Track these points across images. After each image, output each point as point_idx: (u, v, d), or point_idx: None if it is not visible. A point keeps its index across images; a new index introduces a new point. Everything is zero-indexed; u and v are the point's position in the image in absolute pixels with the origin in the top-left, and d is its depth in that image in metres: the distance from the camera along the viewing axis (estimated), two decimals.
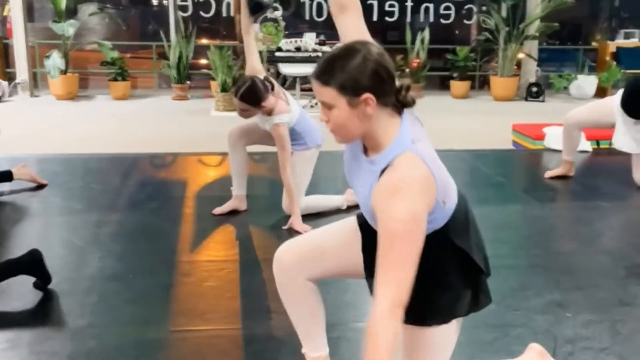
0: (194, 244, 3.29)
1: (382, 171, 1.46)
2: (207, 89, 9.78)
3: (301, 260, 1.81)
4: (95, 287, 2.73)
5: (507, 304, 2.57)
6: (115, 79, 9.19)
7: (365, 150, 1.56)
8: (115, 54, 9.10)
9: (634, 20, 11.36)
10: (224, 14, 10.00)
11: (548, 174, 4.48)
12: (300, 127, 3.56)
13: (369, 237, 1.63)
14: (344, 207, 3.78)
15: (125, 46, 10.08)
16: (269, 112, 3.45)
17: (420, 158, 1.44)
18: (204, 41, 10.18)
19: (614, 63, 9.86)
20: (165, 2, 10.14)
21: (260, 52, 8.26)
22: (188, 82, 9.39)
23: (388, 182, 1.42)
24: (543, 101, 9.43)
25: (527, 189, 4.40)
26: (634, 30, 10.51)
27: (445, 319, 1.61)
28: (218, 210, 3.74)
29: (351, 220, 1.79)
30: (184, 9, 9.62)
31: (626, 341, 2.28)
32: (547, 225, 3.67)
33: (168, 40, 9.39)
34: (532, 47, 9.79)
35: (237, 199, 3.78)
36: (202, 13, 9.92)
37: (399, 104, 1.51)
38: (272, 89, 3.45)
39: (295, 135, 3.53)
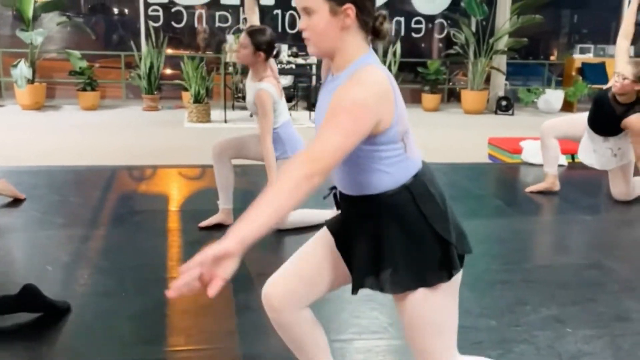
0: (183, 260, 3.21)
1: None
2: (177, 99, 9.68)
3: (293, 297, 1.76)
4: (89, 305, 2.64)
5: (507, 321, 2.58)
6: (84, 89, 9.01)
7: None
8: (84, 64, 8.94)
9: (591, 36, 11.68)
10: (196, 24, 9.92)
11: (530, 188, 4.53)
12: (284, 133, 3.51)
13: (340, 237, 1.67)
14: None
15: (94, 55, 9.89)
16: (259, 76, 3.43)
17: (384, 72, 1.48)
18: (173, 52, 10.08)
19: (580, 78, 10.11)
20: (132, 11, 10.01)
21: (235, 65, 8.27)
22: (157, 92, 9.26)
23: (347, 81, 1.46)
24: (512, 114, 9.60)
25: (509, 203, 4.45)
26: (589, 45, 10.81)
27: (441, 274, 1.57)
28: (204, 223, 3.69)
29: (322, 233, 1.76)
30: (154, 19, 9.51)
31: (629, 356, 2.31)
32: (534, 239, 3.72)
33: (139, 50, 9.26)
34: (501, 61, 9.97)
35: (224, 213, 3.73)
36: (173, 23, 9.81)
37: (374, 32, 1.55)
38: (276, 56, 3.50)
39: (278, 142, 3.49)
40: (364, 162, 1.52)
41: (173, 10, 9.69)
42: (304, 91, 9.60)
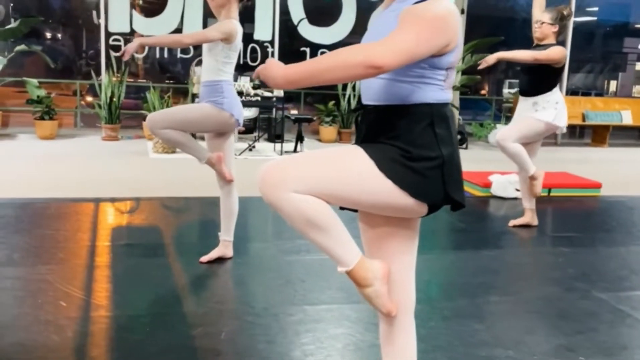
0: (198, 294, 3.23)
1: (417, 2, 1.60)
2: (136, 129, 9.60)
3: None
4: (118, 340, 2.63)
5: (523, 350, 2.72)
6: (41, 118, 8.82)
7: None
8: (42, 92, 8.76)
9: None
10: (157, 55, 9.91)
11: (512, 222, 4.75)
12: (228, 89, 3.45)
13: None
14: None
15: (53, 84, 9.72)
16: (227, 13, 3.41)
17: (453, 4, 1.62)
18: (135, 81, 10.01)
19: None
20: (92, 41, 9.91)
21: None
22: (118, 122, 9.16)
23: (428, 2, 1.58)
24: (467, 148, 9.97)
25: (491, 235, 4.66)
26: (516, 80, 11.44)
27: (422, 196, 1.64)
28: (205, 258, 3.69)
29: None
30: (116, 48, 9.44)
31: None
32: (524, 270, 3.91)
33: (99, 78, 9.16)
34: (455, 97, 10.38)
35: (224, 245, 3.75)
36: (135, 54, 9.76)
37: None
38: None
39: (219, 91, 3.41)
40: (405, 76, 1.63)
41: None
42: (265, 122, 9.69)
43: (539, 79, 4.41)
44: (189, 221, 4.80)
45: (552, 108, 4.43)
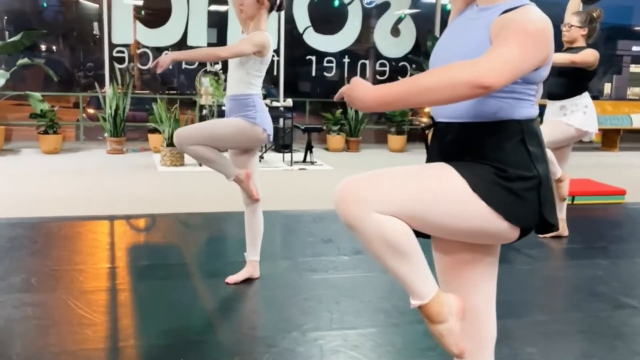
0: (229, 319, 3.06)
1: (506, 11, 1.48)
2: (141, 141, 9.43)
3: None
4: None
5: None
6: (45, 132, 8.64)
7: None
8: (45, 106, 8.59)
9: None
10: (149, 65, 9.75)
11: (543, 235, 4.59)
12: (259, 103, 3.33)
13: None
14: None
15: (57, 97, 9.55)
16: (256, 24, 3.28)
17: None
18: (140, 93, 9.86)
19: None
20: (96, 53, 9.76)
21: (210, 106, 8.14)
22: (124, 135, 8.99)
23: (521, 10, 1.46)
24: None
25: (521, 248, 4.49)
26: None
27: (515, 217, 1.49)
28: (232, 279, 3.52)
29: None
30: (119, 60, 9.28)
31: None
32: (565, 285, 3.74)
33: (103, 91, 9.00)
34: None
35: (251, 265, 3.58)
36: (139, 65, 9.62)
37: None
38: (279, 9, 3.36)
39: (251, 105, 3.27)
40: (497, 91, 1.45)
41: (139, 51, 9.50)
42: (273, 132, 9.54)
43: (570, 83, 4.26)
44: (208, 238, 4.63)
45: (581, 112, 4.28)
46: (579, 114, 4.29)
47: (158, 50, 9.59)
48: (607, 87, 24.50)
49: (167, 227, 4.79)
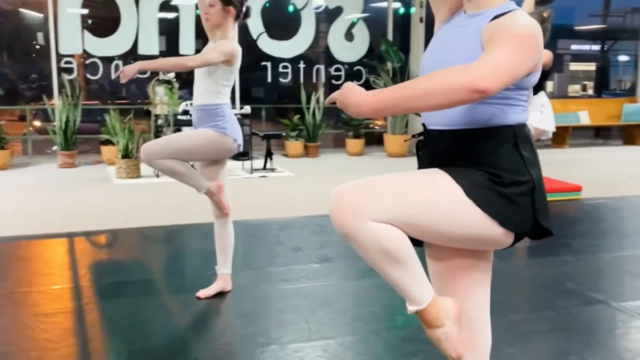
0: (204, 334, 2.97)
1: (496, 17, 1.47)
2: (93, 153, 9.18)
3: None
4: None
5: None
6: None
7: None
8: None
9: None
10: (112, 76, 9.52)
11: None
12: (228, 113, 3.26)
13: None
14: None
15: (0, 111, 9.21)
16: (223, 33, 3.22)
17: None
18: (90, 104, 9.60)
19: None
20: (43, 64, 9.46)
21: (166, 116, 7.98)
22: (75, 148, 8.73)
23: (510, 16, 1.46)
24: None
25: None
26: None
27: (510, 223, 1.48)
28: (203, 293, 3.43)
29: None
30: (68, 71, 9.02)
31: None
32: (535, 283, 3.79)
33: (51, 103, 8.73)
34: None
35: (223, 279, 3.49)
36: (88, 75, 9.37)
37: None
38: (246, 16, 3.32)
39: (221, 115, 3.21)
40: (490, 98, 1.44)
41: (88, 61, 9.26)
42: None
43: None
44: (173, 252, 4.52)
45: (538, 111, 4.36)
46: (535, 114, 4.36)
47: (108, 60, 9.37)
48: (550, 86, 25.33)
49: (130, 242, 4.65)
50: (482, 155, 1.49)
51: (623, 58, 19.37)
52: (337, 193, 1.43)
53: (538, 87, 4.36)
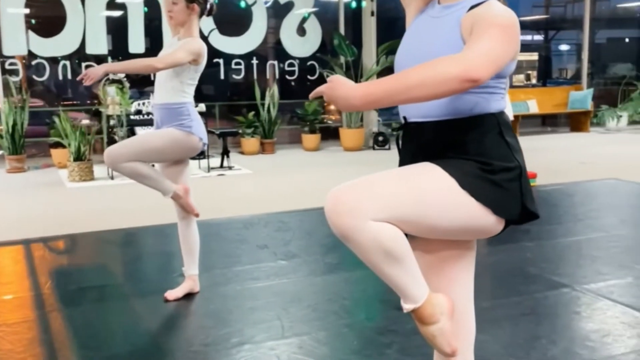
0: (176, 338, 2.93)
1: (472, 8, 1.49)
2: (42, 157, 8.92)
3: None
4: None
5: (536, 357, 2.64)
6: None
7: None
8: None
9: None
10: (60, 77, 9.26)
11: None
12: (194, 112, 3.22)
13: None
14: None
15: None
16: (187, 30, 3.15)
17: None
18: (38, 106, 9.30)
19: None
20: None
21: (118, 116, 7.81)
22: (24, 152, 8.47)
23: (487, 5, 1.47)
24: (389, 149, 10.01)
25: None
26: None
27: (500, 209, 1.50)
28: (172, 295, 3.37)
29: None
30: (14, 72, 8.72)
31: None
32: (500, 270, 3.85)
33: None
34: None
35: (191, 279, 3.44)
36: (35, 77, 9.09)
37: None
38: (209, 14, 3.25)
39: (186, 113, 3.16)
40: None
41: (33, 62, 8.97)
42: None
43: None
44: (136, 255, 4.43)
45: None
46: None
47: (54, 61, 9.11)
48: None
49: (89, 246, 4.54)
50: (469, 144, 1.51)
51: (565, 47, 19.92)
52: (332, 194, 1.41)
53: None
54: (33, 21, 9.18)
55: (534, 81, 18.65)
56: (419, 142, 1.58)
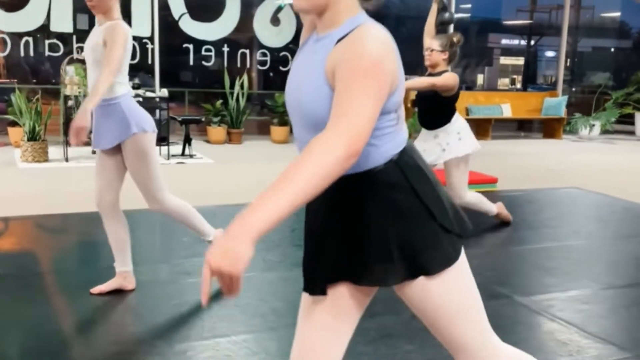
0: (89, 334, 2.76)
1: (339, 40, 1.32)
2: (3, 134, 8.66)
3: None
4: None
5: None
6: None
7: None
8: None
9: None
10: (22, 53, 8.99)
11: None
12: (127, 106, 3.01)
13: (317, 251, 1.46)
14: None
15: None
16: (109, 14, 2.95)
17: (385, 31, 1.33)
18: None
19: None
20: None
21: (76, 97, 7.57)
22: None
23: (350, 39, 1.29)
24: None
25: None
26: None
27: (442, 260, 1.44)
28: (97, 290, 3.19)
29: (305, 299, 1.55)
30: None
31: None
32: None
33: None
34: None
35: (121, 276, 3.23)
36: None
37: None
38: None
39: (117, 116, 2.97)
40: None
41: None
42: None
43: (437, 113, 4.27)
44: (70, 243, 4.24)
45: (456, 139, 4.26)
46: (454, 143, 4.26)
47: (18, 36, 8.83)
48: (480, 79, 25.88)
49: (22, 231, 4.34)
50: (375, 205, 1.38)
51: (549, 53, 19.95)
52: None
53: (450, 113, 4.27)
54: None
55: (518, 85, 18.66)
56: (318, 201, 1.39)
